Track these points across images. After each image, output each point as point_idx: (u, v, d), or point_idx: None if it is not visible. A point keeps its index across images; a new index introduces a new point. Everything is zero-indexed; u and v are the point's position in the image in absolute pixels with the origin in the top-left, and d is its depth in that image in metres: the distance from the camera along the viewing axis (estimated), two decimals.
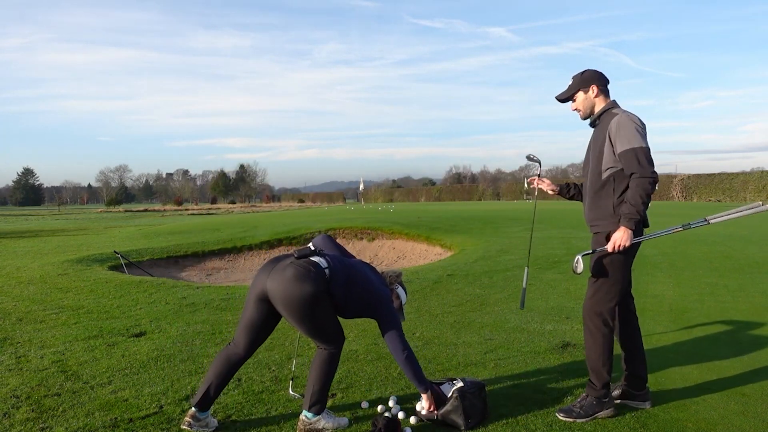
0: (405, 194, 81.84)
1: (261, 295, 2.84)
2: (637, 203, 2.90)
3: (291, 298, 2.73)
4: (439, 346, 4.49)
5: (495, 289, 6.91)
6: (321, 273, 2.82)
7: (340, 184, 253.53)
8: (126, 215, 46.72)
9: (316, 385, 2.92)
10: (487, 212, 21.20)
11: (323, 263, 2.87)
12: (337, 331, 2.95)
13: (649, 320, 5.19)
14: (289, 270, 2.77)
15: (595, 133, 3.21)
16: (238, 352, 2.97)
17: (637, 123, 2.98)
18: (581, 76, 3.21)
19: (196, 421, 2.92)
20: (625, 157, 2.95)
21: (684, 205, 33.06)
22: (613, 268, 3.05)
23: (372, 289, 3.03)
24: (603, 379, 3.08)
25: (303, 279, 2.74)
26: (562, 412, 3.09)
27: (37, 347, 4.62)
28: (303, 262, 2.83)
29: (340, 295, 2.89)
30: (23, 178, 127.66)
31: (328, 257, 2.94)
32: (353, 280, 2.95)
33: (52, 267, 9.51)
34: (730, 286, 6.70)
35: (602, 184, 3.10)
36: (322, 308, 2.82)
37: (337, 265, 2.93)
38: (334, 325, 2.93)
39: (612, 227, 3.04)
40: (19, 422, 3.11)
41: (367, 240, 14.41)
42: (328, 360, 2.94)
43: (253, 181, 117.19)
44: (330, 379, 2.97)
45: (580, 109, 3.23)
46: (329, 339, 2.92)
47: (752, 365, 3.91)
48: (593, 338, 3.10)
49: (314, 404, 2.92)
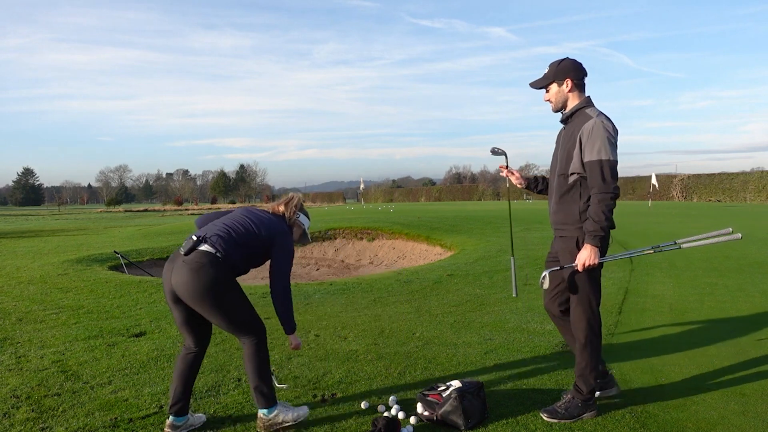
0: (405, 194, 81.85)
1: (172, 294, 2.87)
2: (601, 220, 2.90)
3: (196, 295, 2.75)
4: (439, 346, 4.49)
5: (495, 289, 6.91)
6: (214, 259, 2.81)
7: (340, 184, 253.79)
8: (126, 215, 46.73)
9: (255, 381, 2.93)
10: (487, 212, 21.21)
11: (211, 249, 2.84)
12: (254, 318, 2.96)
13: (649, 320, 5.19)
14: (184, 269, 2.78)
15: (566, 132, 3.14)
16: (191, 349, 3.01)
17: (609, 132, 2.93)
18: (558, 66, 3.11)
19: (175, 430, 2.93)
20: (590, 168, 2.93)
21: (684, 205, 33.06)
22: (587, 279, 3.06)
23: (263, 237, 3.01)
24: (589, 385, 3.09)
25: (199, 273, 2.75)
26: (546, 413, 3.10)
27: (37, 347, 4.62)
28: (193, 256, 2.82)
29: (239, 262, 2.92)
30: (23, 178, 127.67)
31: (211, 239, 2.88)
32: (242, 240, 2.94)
33: (52, 267, 9.51)
34: (730, 286, 6.70)
35: (568, 188, 3.08)
36: (230, 296, 2.84)
37: (223, 241, 2.89)
38: (249, 313, 2.94)
39: (578, 232, 3.04)
40: (19, 422, 3.11)
41: (367, 240, 14.41)
42: (256, 352, 2.94)
43: (253, 181, 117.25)
44: (266, 369, 2.96)
45: (552, 102, 3.16)
46: (247, 328, 2.93)
47: (752, 365, 3.91)
48: (581, 347, 3.12)
49: (262, 400, 2.93)
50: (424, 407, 3.11)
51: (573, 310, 3.14)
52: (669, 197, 44.66)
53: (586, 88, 3.15)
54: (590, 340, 3.09)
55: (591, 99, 3.12)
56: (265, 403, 2.93)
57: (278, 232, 3.07)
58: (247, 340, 2.94)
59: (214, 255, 2.83)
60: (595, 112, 3.02)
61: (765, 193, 38.13)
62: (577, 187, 3.05)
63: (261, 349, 2.95)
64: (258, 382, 2.93)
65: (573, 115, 3.10)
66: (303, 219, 3.32)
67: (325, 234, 14.72)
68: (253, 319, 2.95)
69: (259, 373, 2.93)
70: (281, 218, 3.21)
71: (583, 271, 3.00)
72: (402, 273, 8.61)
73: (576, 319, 3.12)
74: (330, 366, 4.03)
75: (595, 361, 3.10)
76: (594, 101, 3.13)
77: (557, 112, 3.19)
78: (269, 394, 2.94)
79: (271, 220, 3.13)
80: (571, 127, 3.09)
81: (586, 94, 3.13)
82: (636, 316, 5.38)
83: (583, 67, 3.12)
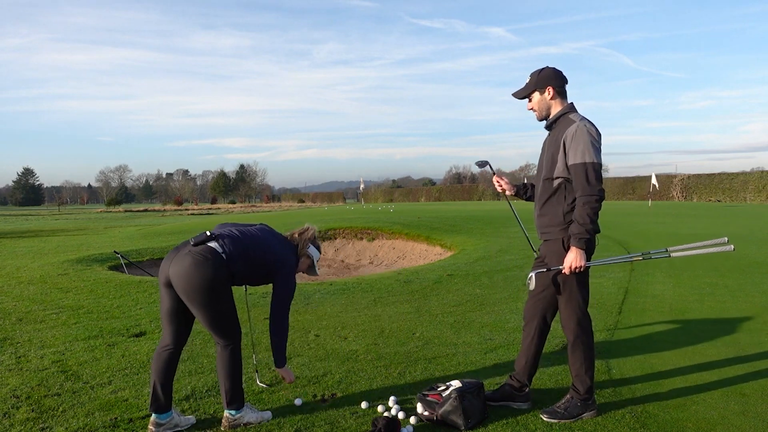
0: (405, 194, 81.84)
1: (166, 282, 2.91)
2: (586, 222, 2.91)
3: (190, 286, 2.80)
4: (439, 346, 4.49)
5: (495, 289, 6.91)
6: (218, 257, 2.88)
7: (340, 184, 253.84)
8: (126, 215, 46.72)
9: (227, 384, 2.99)
10: (487, 212, 21.20)
11: (218, 248, 2.92)
12: (234, 324, 3.00)
13: (649, 320, 5.19)
14: (187, 258, 2.83)
15: (550, 138, 3.17)
16: (167, 346, 3.02)
17: (593, 135, 2.95)
18: (538, 75, 3.14)
19: (158, 427, 2.95)
20: (575, 171, 2.95)
21: (684, 205, 33.06)
22: (575, 279, 3.07)
23: (270, 257, 3.08)
24: (586, 384, 3.10)
25: (200, 266, 2.80)
26: (546, 414, 3.10)
27: (37, 347, 4.62)
28: (200, 249, 2.88)
29: (241, 270, 2.98)
30: (23, 178, 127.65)
31: (222, 239, 2.97)
32: (251, 251, 3.01)
33: (52, 267, 9.51)
34: (730, 286, 6.70)
35: (553, 191, 3.11)
36: (221, 295, 2.89)
37: (232, 243, 2.97)
38: (232, 317, 2.98)
39: (562, 234, 3.05)
40: (19, 422, 3.11)
41: (367, 240, 14.41)
42: (230, 357, 3.00)
43: (253, 181, 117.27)
44: (238, 373, 3.02)
45: (536, 110, 3.19)
46: (226, 331, 2.96)
47: (752, 365, 3.91)
48: (573, 347, 3.13)
49: (232, 402, 3.00)
50: (424, 407, 3.11)
51: (562, 312, 3.16)
52: (669, 197, 44.65)
53: (567, 95, 3.18)
54: (581, 339, 3.10)
55: (574, 105, 3.15)
56: (233, 404, 3.01)
57: (285, 263, 3.15)
58: (224, 343, 2.99)
59: (220, 254, 2.89)
60: (578, 117, 3.05)
61: (765, 193, 38.11)
62: (561, 190, 3.08)
63: (235, 354, 3.02)
64: (229, 385, 3.00)
65: (557, 121, 3.14)
66: (313, 251, 3.37)
67: (325, 234, 14.72)
68: (234, 325, 3.00)
69: (231, 377, 3.00)
70: (293, 248, 3.29)
71: (571, 273, 3.02)
72: (402, 273, 8.61)
73: (566, 319, 3.13)
74: (330, 366, 4.03)
75: (590, 360, 3.12)
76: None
77: (542, 120, 3.22)
78: (238, 396, 3.02)
79: (283, 246, 3.21)
80: (555, 132, 3.12)
81: (568, 101, 3.17)
82: (636, 316, 5.37)
83: (564, 75, 3.16)
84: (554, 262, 3.10)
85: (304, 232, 3.36)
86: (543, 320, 3.28)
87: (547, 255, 3.17)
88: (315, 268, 3.43)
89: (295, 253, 3.29)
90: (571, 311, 3.10)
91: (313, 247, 3.36)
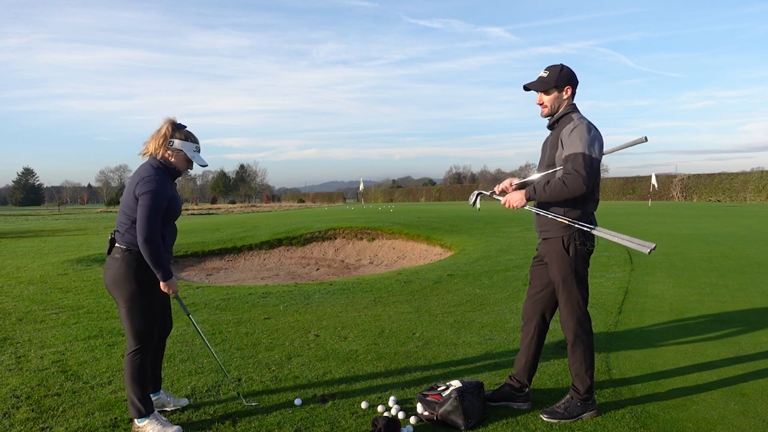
0: (405, 194, 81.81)
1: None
2: (553, 190, 2.95)
3: (110, 287, 2.99)
4: (439, 346, 4.49)
5: (495, 289, 6.91)
6: (123, 254, 2.96)
7: (340, 184, 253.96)
8: None
9: (127, 388, 2.98)
10: (487, 212, 21.19)
11: (121, 244, 2.98)
12: (145, 329, 2.97)
13: (649, 320, 5.19)
14: (105, 268, 3.03)
15: (552, 137, 3.17)
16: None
17: (591, 133, 2.96)
18: (560, 72, 3.10)
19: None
20: (569, 160, 2.93)
21: (684, 205, 33.06)
22: (574, 279, 3.08)
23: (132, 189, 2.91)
24: (586, 384, 3.11)
25: (111, 268, 2.97)
26: (546, 414, 3.10)
27: (37, 347, 4.62)
28: (110, 256, 3.01)
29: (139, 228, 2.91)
30: (23, 178, 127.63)
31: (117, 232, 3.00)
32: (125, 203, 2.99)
33: (52, 267, 9.51)
34: (730, 286, 6.70)
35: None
36: (137, 294, 2.93)
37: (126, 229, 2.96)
38: (145, 320, 2.96)
39: (562, 232, 3.06)
40: (19, 422, 3.11)
41: (367, 240, 14.40)
42: (130, 363, 2.96)
43: (253, 181, 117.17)
44: (138, 382, 2.95)
45: (547, 106, 3.16)
46: (136, 332, 2.96)
47: (752, 365, 3.91)
48: (573, 346, 3.13)
49: (134, 410, 2.96)
50: (424, 407, 3.11)
51: (562, 311, 3.16)
52: (669, 197, 44.63)
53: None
54: (581, 339, 3.11)
55: (576, 106, 3.16)
56: (135, 413, 2.96)
57: (142, 179, 2.89)
58: (130, 349, 2.97)
59: (123, 249, 2.97)
60: (579, 116, 3.07)
61: (765, 193, 38.09)
62: None
63: (134, 363, 2.96)
64: (129, 390, 2.96)
65: (559, 120, 3.14)
66: (180, 143, 3.02)
67: (325, 234, 14.72)
68: (143, 329, 2.97)
69: (132, 386, 2.95)
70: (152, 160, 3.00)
71: (570, 272, 3.05)
72: (402, 273, 8.61)
73: (565, 319, 3.14)
74: (330, 366, 4.03)
75: (590, 359, 3.12)
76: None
77: (547, 117, 3.21)
78: (138, 404, 2.95)
79: (137, 172, 2.96)
80: (556, 132, 3.14)
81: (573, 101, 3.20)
82: (636, 315, 5.37)
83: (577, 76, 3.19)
84: (555, 261, 3.10)
85: (156, 134, 3.02)
86: (542, 320, 3.29)
87: (546, 255, 3.17)
88: (196, 156, 3.08)
89: (156, 164, 2.98)
90: (571, 311, 3.11)
91: (176, 140, 3.01)
